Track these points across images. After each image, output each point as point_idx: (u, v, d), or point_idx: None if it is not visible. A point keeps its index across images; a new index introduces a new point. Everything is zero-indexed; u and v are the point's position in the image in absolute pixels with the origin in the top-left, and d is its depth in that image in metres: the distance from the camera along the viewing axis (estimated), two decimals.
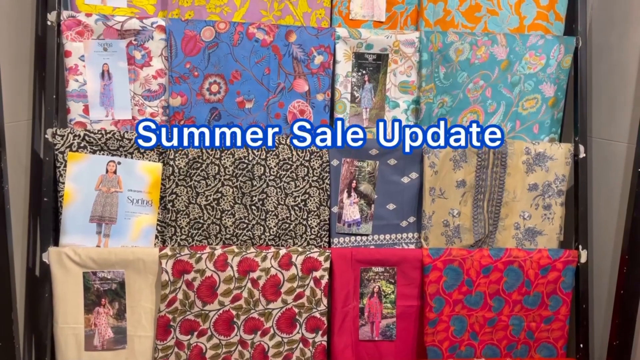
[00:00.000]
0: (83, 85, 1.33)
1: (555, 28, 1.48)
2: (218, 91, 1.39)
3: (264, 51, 1.40)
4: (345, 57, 1.43)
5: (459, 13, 1.46)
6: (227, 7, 1.41)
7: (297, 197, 1.41)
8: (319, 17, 1.45)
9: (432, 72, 1.44)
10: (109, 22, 1.32)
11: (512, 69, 1.45)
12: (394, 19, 1.47)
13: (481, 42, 1.43)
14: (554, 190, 1.46)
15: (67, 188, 1.31)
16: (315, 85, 1.43)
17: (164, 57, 1.37)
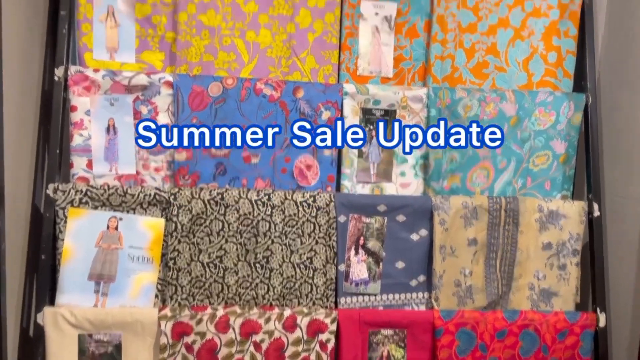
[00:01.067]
0: (88, 139, 1.32)
1: (564, 85, 1.47)
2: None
3: (271, 106, 1.39)
4: (353, 113, 1.42)
5: (467, 70, 1.46)
6: (235, 63, 1.41)
7: (303, 254, 1.37)
8: (327, 73, 1.44)
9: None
10: (116, 77, 1.32)
11: (521, 125, 1.43)
12: (402, 75, 1.47)
13: (490, 99, 1.42)
14: (568, 250, 1.41)
15: (67, 245, 1.27)
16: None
17: (170, 112, 1.36)
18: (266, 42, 1.42)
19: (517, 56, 1.46)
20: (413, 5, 1.45)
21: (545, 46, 1.46)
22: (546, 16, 1.46)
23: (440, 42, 1.44)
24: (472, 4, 1.45)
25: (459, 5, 1.44)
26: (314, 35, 1.44)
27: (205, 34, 1.39)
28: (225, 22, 1.40)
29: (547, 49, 1.46)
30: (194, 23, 1.38)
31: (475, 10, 1.45)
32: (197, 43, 1.39)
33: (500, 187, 1.45)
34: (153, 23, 1.38)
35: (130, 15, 1.37)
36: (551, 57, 1.46)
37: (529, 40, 1.46)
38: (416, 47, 1.46)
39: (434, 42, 1.44)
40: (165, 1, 1.38)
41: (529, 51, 1.46)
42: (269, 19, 1.42)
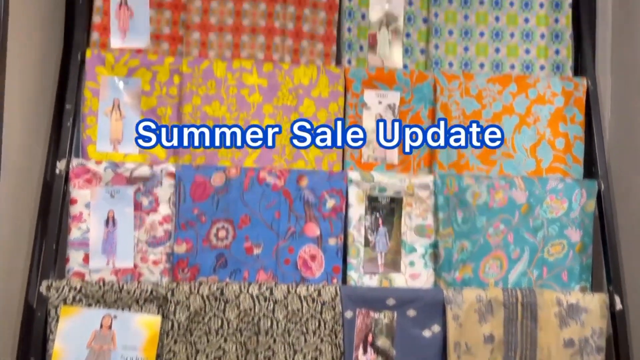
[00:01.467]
0: (86, 232, 1.28)
1: (574, 171, 1.44)
2: (225, 237, 1.33)
3: (275, 195, 1.36)
4: (358, 200, 1.39)
5: (473, 156, 1.44)
6: (239, 152, 1.40)
7: (308, 353, 1.28)
8: (331, 160, 1.43)
9: (449, 216, 1.38)
10: (118, 169, 1.31)
11: (533, 213, 1.39)
12: (407, 162, 1.45)
13: (499, 186, 1.39)
14: (592, 347, 1.31)
15: (57, 347, 1.20)
16: (327, 229, 1.37)
17: (171, 203, 1.33)
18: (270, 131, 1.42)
19: (524, 142, 1.44)
20: (416, 94, 1.45)
21: (552, 132, 1.44)
22: (551, 103, 1.45)
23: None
24: (475, 92, 1.45)
25: (462, 93, 1.45)
26: (318, 124, 1.43)
27: (210, 124, 1.39)
28: (230, 112, 1.41)
29: (554, 135, 1.44)
30: (198, 114, 1.39)
31: (478, 98, 1.45)
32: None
33: (514, 277, 1.38)
34: (158, 115, 1.39)
35: (136, 107, 1.38)
36: (559, 144, 1.44)
37: (535, 126, 1.45)
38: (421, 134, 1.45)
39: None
40: (170, 93, 1.40)
41: (535, 137, 1.44)
42: (273, 109, 1.42)
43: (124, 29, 1.43)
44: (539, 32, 1.51)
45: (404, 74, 1.45)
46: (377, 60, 1.49)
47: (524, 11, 1.51)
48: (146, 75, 1.38)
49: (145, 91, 1.38)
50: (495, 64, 1.51)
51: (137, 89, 1.38)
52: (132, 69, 1.38)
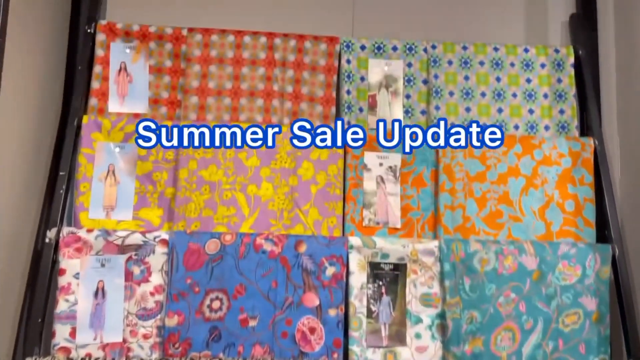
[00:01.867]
0: (73, 305, 1.22)
1: (586, 234, 1.37)
2: (219, 308, 1.27)
3: (272, 263, 1.30)
4: (360, 268, 1.32)
5: (480, 219, 1.38)
6: (235, 217, 1.36)
7: None
8: (331, 224, 1.38)
9: (456, 284, 1.30)
10: (109, 237, 1.26)
11: (545, 280, 1.31)
12: (410, 226, 1.39)
13: (507, 251, 1.32)
14: None
15: None
16: (327, 299, 1.30)
17: (164, 271, 1.27)
18: (268, 195, 1.38)
19: (532, 205, 1.38)
20: (418, 156, 1.41)
21: (560, 194, 1.39)
22: (558, 164, 1.40)
23: (448, 192, 1.39)
24: (479, 154, 1.41)
25: (465, 154, 1.41)
26: (317, 187, 1.39)
27: (206, 189, 1.36)
28: (227, 176, 1.37)
29: (563, 197, 1.39)
30: (194, 179, 1.36)
31: (482, 159, 1.41)
32: (197, 198, 1.35)
33: (529, 350, 1.29)
34: (153, 180, 1.36)
35: (131, 172, 1.35)
36: (569, 206, 1.38)
37: (543, 188, 1.39)
38: (424, 197, 1.40)
39: (442, 191, 1.39)
40: (167, 158, 1.37)
41: (544, 199, 1.39)
42: (270, 172, 1.39)
43: (122, 94, 1.42)
44: (542, 91, 1.49)
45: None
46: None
47: (526, 71, 1.50)
48: None
49: (141, 156, 1.36)
50: (498, 124, 1.48)
51: (133, 154, 1.36)
52: (129, 134, 1.36)
